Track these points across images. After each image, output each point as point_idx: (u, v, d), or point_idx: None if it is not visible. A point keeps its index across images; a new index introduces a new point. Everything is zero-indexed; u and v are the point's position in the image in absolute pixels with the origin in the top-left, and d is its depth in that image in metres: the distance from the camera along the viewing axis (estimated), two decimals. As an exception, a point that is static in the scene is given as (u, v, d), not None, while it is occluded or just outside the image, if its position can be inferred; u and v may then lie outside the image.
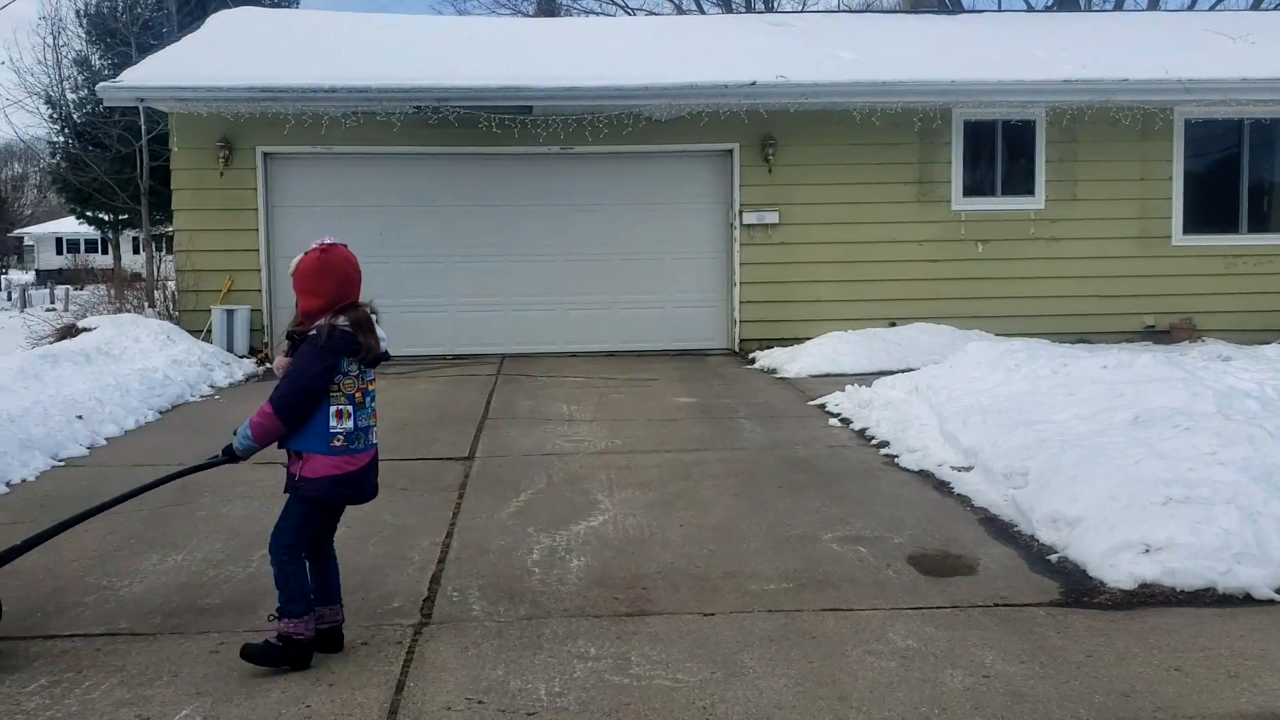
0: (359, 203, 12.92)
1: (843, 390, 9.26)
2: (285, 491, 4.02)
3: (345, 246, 3.94)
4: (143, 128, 17.43)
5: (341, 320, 3.82)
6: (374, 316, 3.93)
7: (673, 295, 13.23)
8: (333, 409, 3.86)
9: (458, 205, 13.02)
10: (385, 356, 3.96)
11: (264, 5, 17.17)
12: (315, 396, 3.84)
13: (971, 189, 13.15)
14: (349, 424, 3.89)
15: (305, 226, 12.85)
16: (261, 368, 12.12)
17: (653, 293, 13.20)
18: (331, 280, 3.86)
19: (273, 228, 12.84)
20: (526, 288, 13.06)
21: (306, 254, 3.90)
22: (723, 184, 13.18)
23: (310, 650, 3.94)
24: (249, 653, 3.91)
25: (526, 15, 27.30)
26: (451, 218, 13.01)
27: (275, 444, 3.96)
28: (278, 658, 3.89)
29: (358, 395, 3.91)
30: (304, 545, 3.97)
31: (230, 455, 3.97)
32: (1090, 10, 22.28)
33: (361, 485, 3.99)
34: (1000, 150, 13.18)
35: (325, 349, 3.81)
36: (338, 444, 3.88)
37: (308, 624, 3.92)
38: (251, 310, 12.61)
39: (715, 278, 13.26)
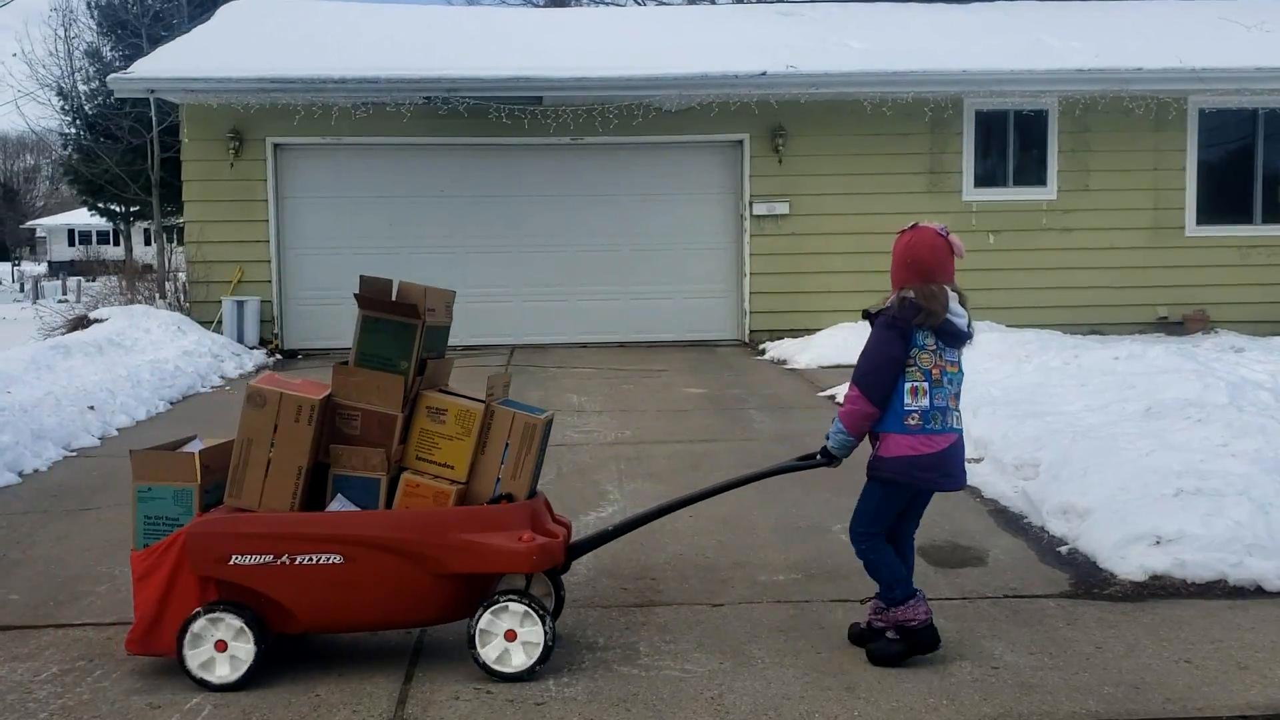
0: (369, 193, 12.93)
1: (852, 381, 9.23)
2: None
3: (933, 229, 3.89)
4: (153, 119, 17.47)
5: (909, 293, 3.79)
6: (955, 294, 3.84)
7: (683, 286, 13.21)
8: (907, 385, 3.77)
9: (467, 196, 13.02)
10: (967, 335, 3.84)
11: (274, -4, 17.15)
12: (894, 368, 3.76)
13: (983, 179, 13.08)
14: (924, 402, 3.76)
15: (315, 217, 12.93)
16: (272, 358, 12.15)
17: (663, 283, 13.18)
18: (911, 258, 3.83)
19: (283, 219, 12.86)
20: (537, 278, 13.05)
21: (900, 235, 3.92)
22: (733, 174, 13.15)
23: (933, 630, 3.85)
24: (874, 656, 3.85)
25: (537, 6, 27.28)
26: (461, 208, 13.01)
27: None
28: (901, 651, 3.83)
29: (935, 372, 3.78)
30: (883, 532, 3.89)
31: (828, 456, 3.91)
32: (1103, -1, 22.12)
33: (940, 470, 3.81)
34: (1012, 140, 13.11)
35: (893, 319, 3.76)
36: (912, 422, 3.77)
37: (916, 607, 3.83)
38: (262, 301, 12.63)
39: (725, 268, 13.24)
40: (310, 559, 3.68)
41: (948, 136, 12.96)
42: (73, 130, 27.38)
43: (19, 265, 52.79)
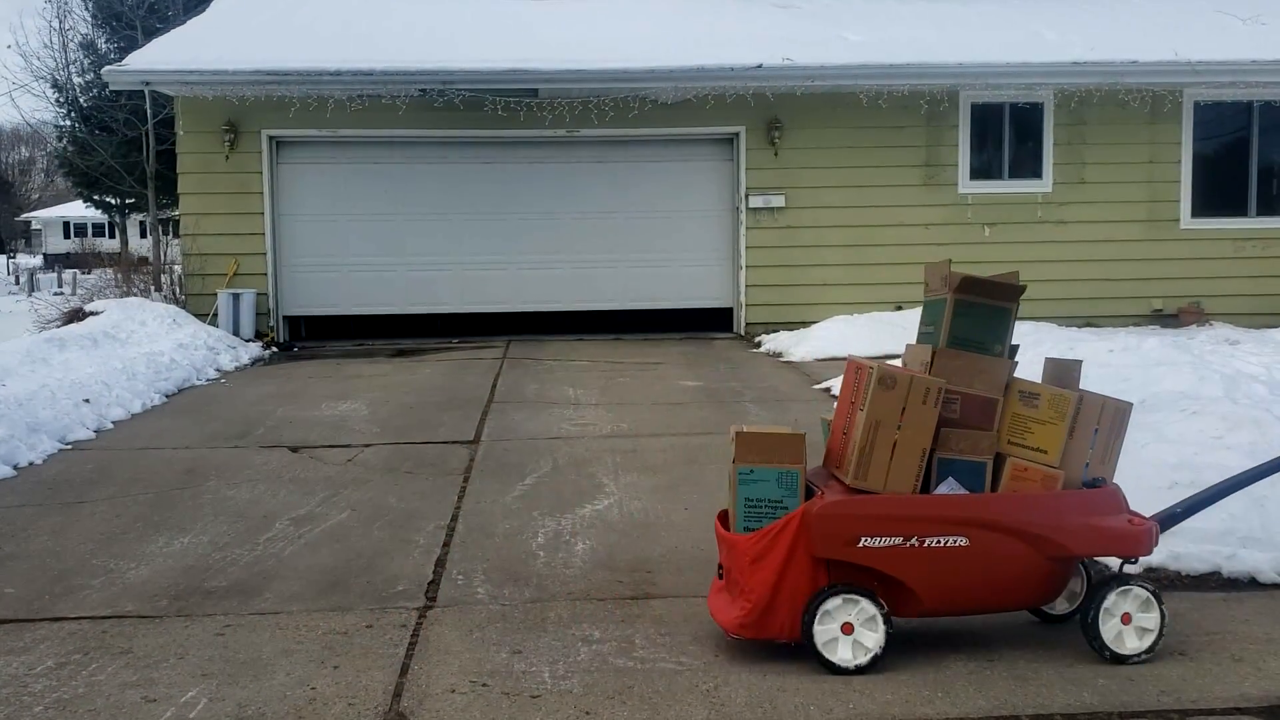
0: (365, 187, 12.93)
1: (849, 374, 9.23)
2: None
3: None
4: (149, 111, 17.43)
5: None
6: None
7: (678, 277, 13.23)
8: None
9: (464, 172, 13.07)
10: None
11: (269, -13, 17.08)
12: None
13: (979, 172, 13.08)
14: None
15: (311, 209, 12.91)
16: (268, 351, 12.14)
17: (660, 266, 13.23)
18: None
19: (278, 211, 12.84)
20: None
21: None
22: (728, 167, 13.15)
23: None
24: None
25: (532, -3, 27.14)
26: (457, 197, 13.05)
27: None
28: None
29: None
30: None
31: None
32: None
33: None
34: (1008, 133, 13.11)
35: None
36: None
37: None
38: (257, 294, 12.61)
39: (721, 261, 13.24)
40: (938, 541, 3.71)
41: (943, 129, 12.96)
42: (68, 123, 27.24)
43: (14, 258, 52.71)
